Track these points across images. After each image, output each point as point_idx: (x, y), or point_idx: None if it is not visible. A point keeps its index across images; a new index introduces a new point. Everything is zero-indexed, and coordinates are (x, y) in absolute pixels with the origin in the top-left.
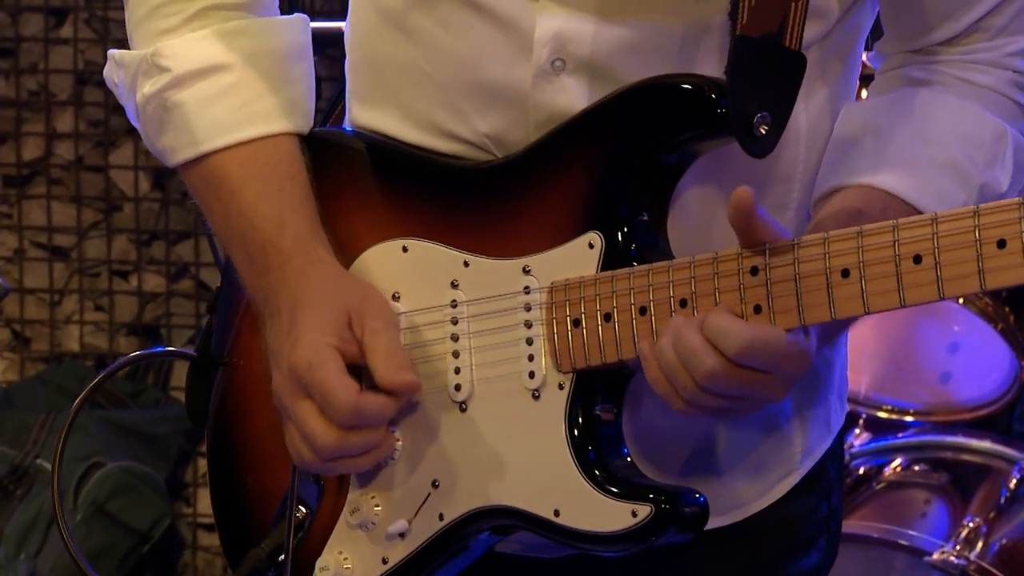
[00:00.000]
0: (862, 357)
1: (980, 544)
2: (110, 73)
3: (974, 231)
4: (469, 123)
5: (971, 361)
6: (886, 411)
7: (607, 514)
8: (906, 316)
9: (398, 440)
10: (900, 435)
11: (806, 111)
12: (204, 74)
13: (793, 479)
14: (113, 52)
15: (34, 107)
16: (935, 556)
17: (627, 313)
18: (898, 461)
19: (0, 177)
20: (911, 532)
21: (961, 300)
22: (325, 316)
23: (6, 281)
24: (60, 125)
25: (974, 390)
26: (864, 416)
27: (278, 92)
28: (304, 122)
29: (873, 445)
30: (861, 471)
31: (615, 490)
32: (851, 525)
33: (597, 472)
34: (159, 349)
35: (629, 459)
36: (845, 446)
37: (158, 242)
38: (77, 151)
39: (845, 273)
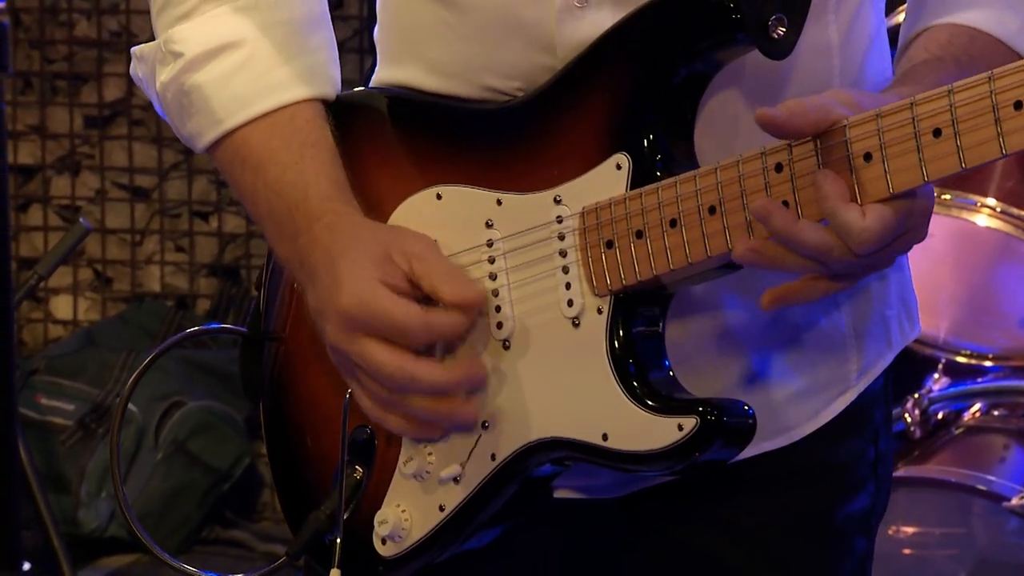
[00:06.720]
0: (940, 302)
1: None
2: (135, 70)
3: (990, 96)
4: (498, 73)
5: None
6: (965, 356)
7: (654, 431)
8: (985, 261)
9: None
10: (979, 380)
11: (836, 21)
12: (216, 53)
13: (849, 396)
14: (135, 49)
15: (115, 48)
16: (1014, 501)
17: (658, 228)
18: (977, 406)
19: (82, 118)
20: (990, 477)
21: None
22: (363, 257)
23: (88, 221)
24: None
25: None
26: (943, 361)
27: (293, 60)
28: (327, 87)
29: (952, 390)
30: (940, 416)
31: (660, 406)
32: (929, 470)
33: (640, 390)
34: (213, 326)
35: (672, 374)
36: (923, 391)
37: None
38: None
39: (867, 157)
